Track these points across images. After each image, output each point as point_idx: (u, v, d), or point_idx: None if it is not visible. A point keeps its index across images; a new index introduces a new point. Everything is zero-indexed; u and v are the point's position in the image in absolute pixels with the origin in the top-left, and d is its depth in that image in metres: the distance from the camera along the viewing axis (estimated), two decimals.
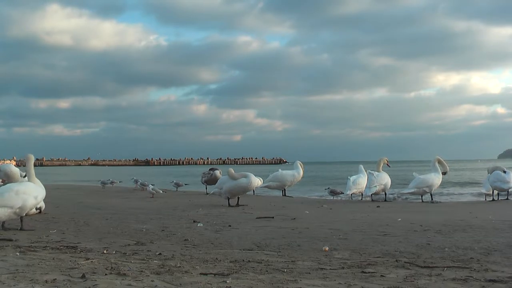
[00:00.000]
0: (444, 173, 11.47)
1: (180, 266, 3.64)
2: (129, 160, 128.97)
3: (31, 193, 5.85)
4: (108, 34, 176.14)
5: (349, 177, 12.10)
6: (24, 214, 5.89)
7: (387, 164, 12.26)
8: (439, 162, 11.47)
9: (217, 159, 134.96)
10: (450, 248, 4.55)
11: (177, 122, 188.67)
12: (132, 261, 3.86)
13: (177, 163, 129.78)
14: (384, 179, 11.61)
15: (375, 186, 11.38)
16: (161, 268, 3.56)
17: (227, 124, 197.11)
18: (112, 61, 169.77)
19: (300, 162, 14.12)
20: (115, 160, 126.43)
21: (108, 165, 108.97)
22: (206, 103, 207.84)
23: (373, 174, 11.58)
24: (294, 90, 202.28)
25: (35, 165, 6.78)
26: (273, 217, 7.42)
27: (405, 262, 3.85)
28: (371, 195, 11.55)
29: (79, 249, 4.51)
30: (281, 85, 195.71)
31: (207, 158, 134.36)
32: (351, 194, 12.04)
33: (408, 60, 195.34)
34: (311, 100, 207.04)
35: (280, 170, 14.19)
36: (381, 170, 11.85)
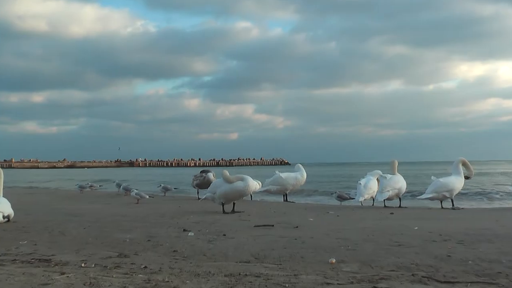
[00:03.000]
0: (467, 178, 11.44)
1: (168, 281, 3.63)
2: (111, 161, 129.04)
3: None
4: (89, 19, 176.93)
5: (359, 181, 12.09)
6: None
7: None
8: (464, 164, 11.43)
9: (210, 160, 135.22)
10: (473, 260, 4.55)
11: (166, 118, 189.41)
12: (114, 276, 3.85)
13: (165, 164, 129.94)
14: (398, 182, 11.61)
15: (388, 191, 11.39)
16: (147, 283, 3.55)
17: (222, 120, 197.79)
18: (93, 50, 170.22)
19: (302, 165, 14.12)
20: (94, 161, 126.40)
21: (87, 167, 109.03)
22: (199, 97, 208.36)
23: (385, 177, 11.60)
24: (298, 83, 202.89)
25: (2, 167, 6.78)
26: (273, 225, 7.43)
27: (422, 277, 3.84)
28: (384, 200, 11.56)
29: (53, 262, 4.50)
30: (283, 77, 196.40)
31: (199, 159, 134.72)
32: (362, 200, 12.04)
33: (425, 48, 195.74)
34: (317, 94, 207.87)
35: (277, 172, 14.18)
36: (396, 172, 11.84)
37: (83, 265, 4.35)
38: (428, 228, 6.86)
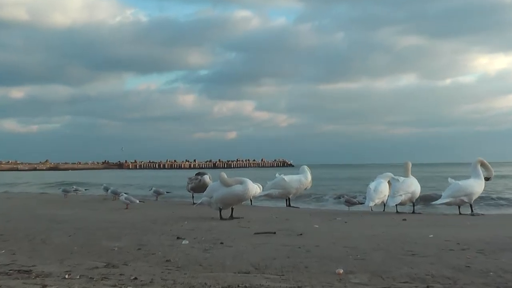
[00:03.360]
0: (487, 179, 11.44)
1: None
2: (98, 162, 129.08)
3: None
4: (74, 7, 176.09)
5: (369, 184, 12.10)
6: None
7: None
8: (482, 164, 11.43)
9: (206, 162, 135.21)
10: (495, 272, 4.55)
11: (158, 116, 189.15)
12: None
13: (157, 166, 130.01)
14: (411, 186, 11.58)
15: (400, 195, 11.36)
16: None
17: (219, 118, 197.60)
18: (79, 41, 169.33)
19: (307, 167, 14.13)
20: (79, 163, 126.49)
21: (72, 169, 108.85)
22: (195, 93, 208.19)
23: (397, 180, 11.57)
24: (302, 77, 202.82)
25: None
26: (274, 232, 7.45)
27: None
28: (396, 205, 11.55)
29: (34, 273, 4.50)
30: (287, 71, 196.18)
31: (194, 160, 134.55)
32: (372, 205, 12.04)
33: (442, 39, 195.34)
34: (323, 89, 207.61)
35: (278, 174, 14.19)
36: (409, 175, 11.81)
37: (67, 276, 4.35)
38: (444, 236, 6.86)
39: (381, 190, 11.81)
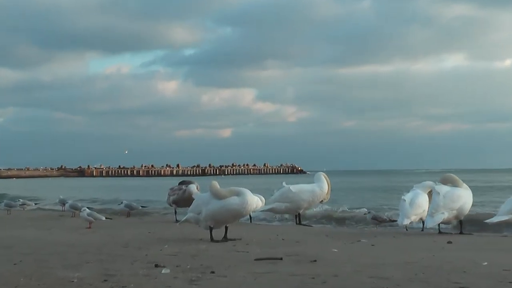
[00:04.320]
0: None
1: None
2: (53, 169, 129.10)
3: None
4: None
5: (403, 197, 12.07)
6: None
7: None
8: None
9: (192, 167, 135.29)
10: None
11: (131, 108, 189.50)
12: None
13: (129, 173, 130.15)
14: (459, 199, 11.48)
15: (442, 213, 11.26)
16: None
17: (209, 111, 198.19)
18: (28, 11, 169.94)
19: (324, 174, 14.12)
20: (28, 169, 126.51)
21: (17, 177, 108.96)
22: (178, 79, 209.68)
23: (439, 192, 11.39)
24: (317, 59, 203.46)
25: None
26: (281, 258, 7.44)
27: None
28: (438, 224, 11.52)
29: None
30: (296, 50, 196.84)
31: (177, 166, 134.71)
32: (407, 224, 12.01)
33: (498, 8, 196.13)
34: (343, 74, 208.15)
35: (285, 184, 14.20)
36: (458, 184, 11.72)
37: None
38: (502, 264, 6.85)
39: (418, 204, 11.77)
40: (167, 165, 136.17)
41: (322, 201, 14.29)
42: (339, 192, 29.16)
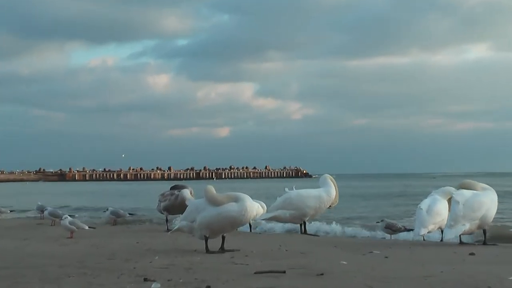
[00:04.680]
0: None
1: None
2: (31, 172, 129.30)
3: None
4: None
5: (420, 204, 12.05)
6: None
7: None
8: None
9: (186, 170, 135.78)
10: None
11: (117, 104, 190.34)
12: None
13: (115, 177, 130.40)
14: (482, 206, 11.42)
15: (463, 225, 11.21)
16: None
17: (205, 108, 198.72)
18: None
19: (330, 177, 14.11)
20: (3, 173, 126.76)
21: None
22: (170, 72, 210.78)
23: (459, 201, 11.33)
24: (324, 50, 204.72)
25: None
26: (284, 271, 7.44)
27: None
28: (460, 235, 11.49)
29: None
30: (301, 40, 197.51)
31: (169, 169, 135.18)
32: (425, 233, 11.99)
33: None
34: (353, 67, 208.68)
35: (288, 189, 14.22)
36: (480, 188, 11.68)
37: None
38: None
39: (436, 211, 11.75)
40: (157, 168, 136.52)
41: (330, 206, 14.26)
42: (349, 198, 29.21)
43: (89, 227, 13.78)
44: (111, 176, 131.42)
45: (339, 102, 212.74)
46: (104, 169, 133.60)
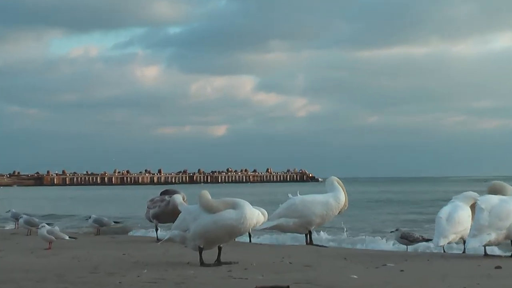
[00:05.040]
0: None
1: None
2: (3, 175, 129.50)
3: None
4: None
5: (439, 212, 12.03)
6: None
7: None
8: None
9: (178, 173, 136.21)
10: None
11: (101, 100, 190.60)
12: None
13: (98, 180, 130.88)
14: (510, 214, 11.45)
15: (488, 234, 11.18)
16: None
17: (200, 103, 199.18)
18: None
19: (337, 179, 14.07)
20: None
21: None
22: (160, 63, 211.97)
23: (484, 208, 11.28)
24: (332, 39, 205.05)
25: None
26: (288, 287, 7.47)
27: None
28: (484, 246, 11.45)
29: None
30: (307, 28, 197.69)
31: (159, 171, 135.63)
32: (445, 244, 11.98)
33: None
34: (364, 58, 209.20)
35: (291, 195, 14.21)
36: (509, 192, 11.65)
37: None
38: None
39: (458, 220, 11.74)
40: (146, 170, 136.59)
41: (338, 213, 14.23)
42: (360, 204, 29.26)
43: (69, 237, 13.82)
44: (94, 180, 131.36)
45: (349, 98, 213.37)
46: (87, 172, 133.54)
